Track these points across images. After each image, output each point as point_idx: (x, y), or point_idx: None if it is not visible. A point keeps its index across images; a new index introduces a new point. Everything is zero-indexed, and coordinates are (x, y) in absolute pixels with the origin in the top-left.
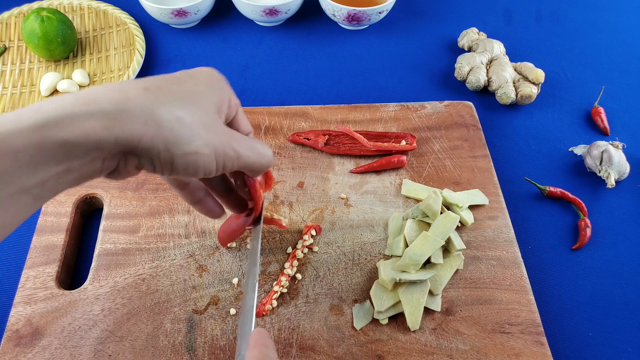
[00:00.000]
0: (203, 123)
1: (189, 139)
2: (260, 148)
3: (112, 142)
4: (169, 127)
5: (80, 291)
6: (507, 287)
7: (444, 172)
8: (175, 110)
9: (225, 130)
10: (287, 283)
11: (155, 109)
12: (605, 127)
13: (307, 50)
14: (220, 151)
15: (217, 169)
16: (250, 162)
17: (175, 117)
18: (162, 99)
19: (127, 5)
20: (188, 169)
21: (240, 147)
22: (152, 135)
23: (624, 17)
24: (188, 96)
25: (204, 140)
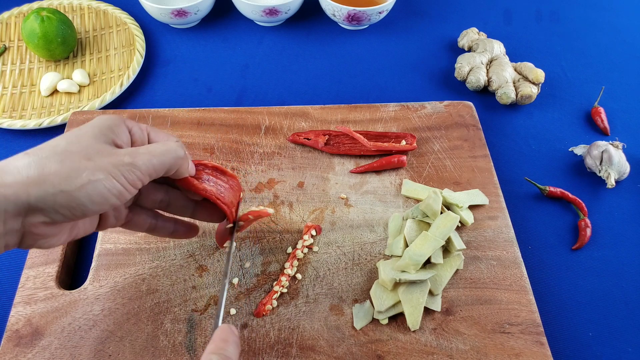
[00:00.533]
0: (85, 155)
1: (75, 172)
2: (159, 146)
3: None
4: (51, 170)
5: (80, 291)
6: (507, 287)
7: (444, 172)
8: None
9: (114, 150)
10: (287, 283)
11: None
12: (605, 127)
13: (307, 50)
14: (115, 170)
15: (125, 188)
16: (154, 164)
17: (55, 161)
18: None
19: (127, 5)
20: (96, 200)
21: (135, 156)
22: (38, 182)
23: (624, 17)
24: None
25: (93, 167)
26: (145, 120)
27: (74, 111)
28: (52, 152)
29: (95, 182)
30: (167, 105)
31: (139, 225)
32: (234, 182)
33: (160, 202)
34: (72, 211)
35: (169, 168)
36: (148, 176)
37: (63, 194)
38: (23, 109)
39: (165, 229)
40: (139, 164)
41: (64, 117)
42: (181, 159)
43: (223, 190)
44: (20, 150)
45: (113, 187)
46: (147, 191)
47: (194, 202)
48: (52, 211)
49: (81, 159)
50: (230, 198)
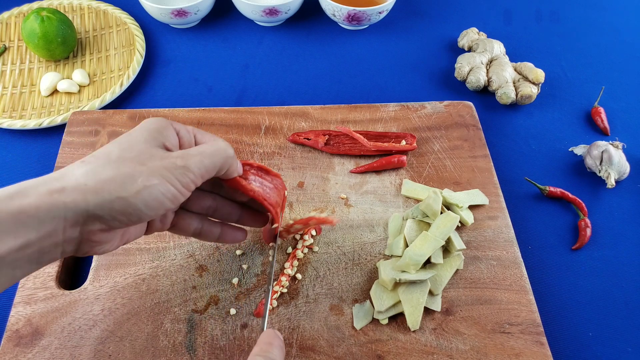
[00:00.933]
0: (138, 161)
1: (130, 178)
2: (209, 147)
3: (62, 208)
4: (109, 178)
5: (80, 291)
6: (507, 287)
7: (444, 172)
8: (109, 164)
9: (166, 154)
10: (287, 283)
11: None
12: (605, 127)
13: (307, 50)
14: (169, 173)
15: (179, 191)
16: (206, 165)
17: (111, 168)
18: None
19: (127, 5)
20: (151, 205)
21: (187, 159)
22: (96, 190)
23: (624, 17)
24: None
25: (147, 172)
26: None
27: (74, 111)
28: (107, 159)
29: (150, 187)
30: (167, 105)
31: (184, 230)
32: (278, 182)
33: (208, 208)
34: (128, 217)
35: (220, 168)
36: (201, 177)
37: (120, 200)
38: (23, 109)
39: (211, 233)
40: (191, 166)
41: (64, 117)
42: (231, 158)
43: (269, 191)
44: (20, 150)
45: (167, 191)
46: (195, 197)
47: (240, 207)
48: (110, 218)
49: (135, 165)
50: (276, 198)
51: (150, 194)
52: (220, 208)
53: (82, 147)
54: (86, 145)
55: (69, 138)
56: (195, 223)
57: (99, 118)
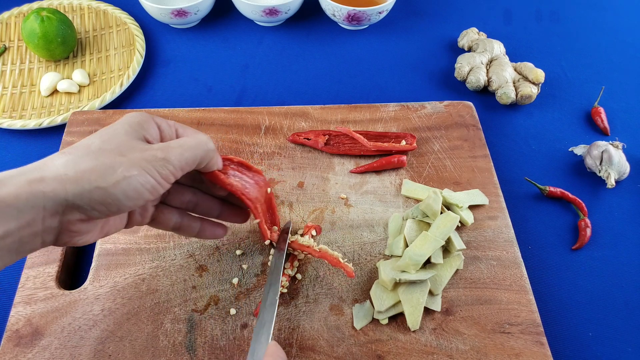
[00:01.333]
0: (119, 152)
1: (110, 169)
2: (190, 140)
3: (41, 197)
4: (88, 168)
5: (80, 291)
6: (507, 287)
7: (444, 172)
8: (88, 154)
9: (146, 146)
10: (287, 283)
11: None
12: (605, 127)
13: (307, 50)
14: (149, 165)
15: (158, 183)
16: (186, 157)
17: (90, 158)
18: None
19: (127, 5)
20: (130, 195)
21: (168, 151)
22: (75, 179)
23: (624, 17)
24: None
25: (127, 163)
26: None
27: (74, 111)
28: (87, 150)
29: (130, 177)
30: (167, 105)
31: (164, 224)
32: (259, 178)
33: (188, 203)
34: (107, 207)
35: (200, 161)
36: (180, 170)
37: (99, 190)
38: (23, 109)
39: (191, 228)
40: (171, 158)
41: (64, 117)
42: (212, 152)
43: (248, 186)
44: (20, 150)
45: (147, 182)
46: (175, 191)
47: (221, 203)
48: (89, 208)
49: (115, 156)
50: (255, 194)
51: (129, 184)
52: (200, 203)
53: None
54: None
55: (69, 138)
56: (175, 217)
57: (99, 118)
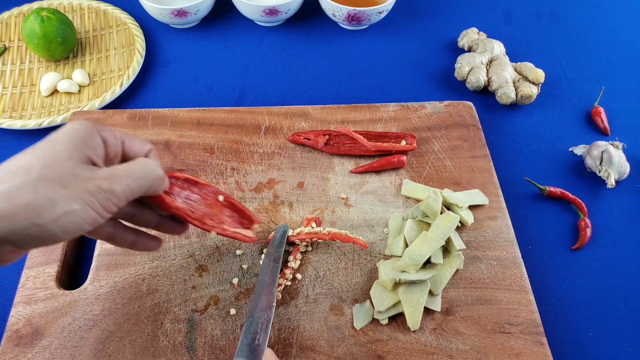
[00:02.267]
0: (60, 181)
1: (50, 204)
2: (138, 168)
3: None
4: (24, 202)
5: (80, 291)
6: (507, 287)
7: (444, 172)
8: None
9: (90, 174)
10: (290, 276)
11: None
12: (605, 127)
13: (307, 50)
14: (92, 197)
15: (100, 216)
16: (132, 188)
17: (27, 189)
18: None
19: (127, 5)
20: (69, 230)
21: (113, 181)
22: (10, 217)
23: (624, 17)
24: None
25: (69, 197)
26: (145, 120)
27: (74, 111)
28: (25, 179)
29: (71, 212)
30: (167, 105)
31: (96, 234)
32: (207, 190)
33: (125, 214)
34: (43, 241)
35: (147, 190)
36: (125, 201)
37: (36, 227)
38: (23, 109)
39: (124, 240)
40: (117, 190)
41: (64, 117)
42: (160, 180)
43: (194, 204)
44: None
45: (88, 216)
46: None
47: (159, 215)
48: (23, 242)
49: (56, 188)
50: (203, 210)
51: (69, 220)
52: (138, 215)
53: None
54: None
55: None
56: (108, 228)
57: (99, 118)
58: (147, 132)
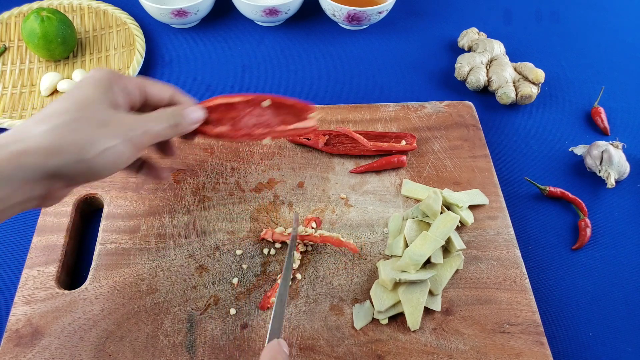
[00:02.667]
0: (96, 124)
1: (92, 142)
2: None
3: (24, 169)
4: (69, 142)
5: (80, 291)
6: (507, 287)
7: (444, 172)
8: (67, 126)
9: (124, 117)
10: (290, 276)
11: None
12: (605, 127)
13: (307, 50)
14: (127, 136)
15: (133, 155)
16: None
17: (69, 131)
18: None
19: (127, 5)
20: (108, 167)
21: (146, 123)
22: (58, 153)
23: (624, 17)
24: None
25: (108, 136)
26: None
27: None
28: (65, 120)
29: (110, 149)
30: None
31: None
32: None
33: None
34: (86, 177)
35: (174, 134)
36: (154, 141)
37: (81, 162)
38: (23, 109)
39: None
40: (149, 131)
41: None
42: (188, 125)
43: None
44: None
45: (123, 154)
46: None
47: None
48: (70, 178)
49: (95, 127)
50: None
51: (109, 156)
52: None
53: None
54: None
55: None
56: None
57: None
58: None
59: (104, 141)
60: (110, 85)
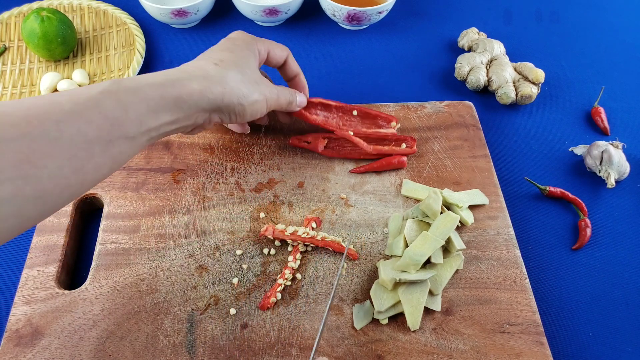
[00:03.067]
0: (253, 80)
1: (250, 93)
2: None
3: (205, 100)
4: (237, 87)
5: (80, 291)
6: (507, 287)
7: (444, 172)
8: (236, 75)
9: (267, 82)
10: (290, 275)
11: (225, 76)
12: (605, 127)
13: (307, 50)
14: (267, 96)
15: (267, 109)
16: (283, 101)
17: (238, 80)
18: (226, 69)
19: (127, 5)
20: (254, 114)
21: (280, 93)
22: (229, 94)
23: (624, 17)
24: (240, 63)
25: (258, 91)
26: None
27: None
28: (232, 68)
29: (258, 101)
30: None
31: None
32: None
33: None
34: (238, 117)
35: (287, 108)
36: (276, 107)
37: (240, 105)
38: None
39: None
40: (280, 99)
41: None
42: (296, 106)
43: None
44: None
45: (263, 107)
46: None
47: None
48: (228, 115)
49: (252, 83)
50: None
51: (255, 105)
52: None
53: None
54: None
55: None
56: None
57: None
58: None
59: (256, 95)
60: (255, 49)
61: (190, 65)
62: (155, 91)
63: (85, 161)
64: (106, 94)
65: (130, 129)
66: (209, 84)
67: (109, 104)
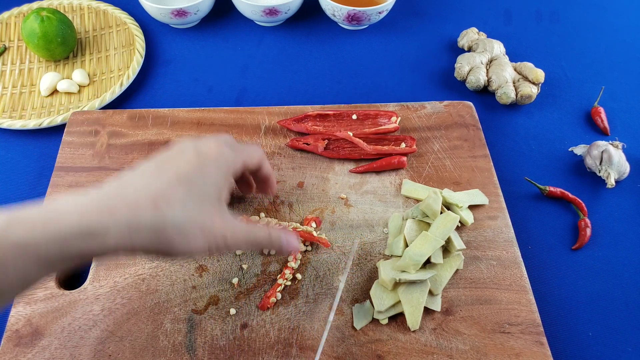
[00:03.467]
0: (201, 227)
1: (187, 245)
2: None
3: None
4: (173, 241)
5: (80, 291)
6: (507, 287)
7: (444, 172)
8: (178, 223)
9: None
10: (290, 276)
11: (161, 225)
12: (605, 127)
13: (307, 50)
14: (213, 243)
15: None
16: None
17: (178, 231)
18: (168, 213)
19: (127, 5)
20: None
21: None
22: (159, 244)
23: (624, 17)
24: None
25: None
26: (145, 120)
27: (74, 111)
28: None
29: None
30: (167, 105)
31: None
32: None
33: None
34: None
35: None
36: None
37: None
38: (23, 109)
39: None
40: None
41: (63, 117)
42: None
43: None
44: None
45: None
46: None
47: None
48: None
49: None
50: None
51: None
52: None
53: (82, 147)
54: (86, 145)
55: (69, 138)
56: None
57: (98, 118)
58: (147, 132)
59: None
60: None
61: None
62: (57, 247)
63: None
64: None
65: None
66: (131, 241)
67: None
